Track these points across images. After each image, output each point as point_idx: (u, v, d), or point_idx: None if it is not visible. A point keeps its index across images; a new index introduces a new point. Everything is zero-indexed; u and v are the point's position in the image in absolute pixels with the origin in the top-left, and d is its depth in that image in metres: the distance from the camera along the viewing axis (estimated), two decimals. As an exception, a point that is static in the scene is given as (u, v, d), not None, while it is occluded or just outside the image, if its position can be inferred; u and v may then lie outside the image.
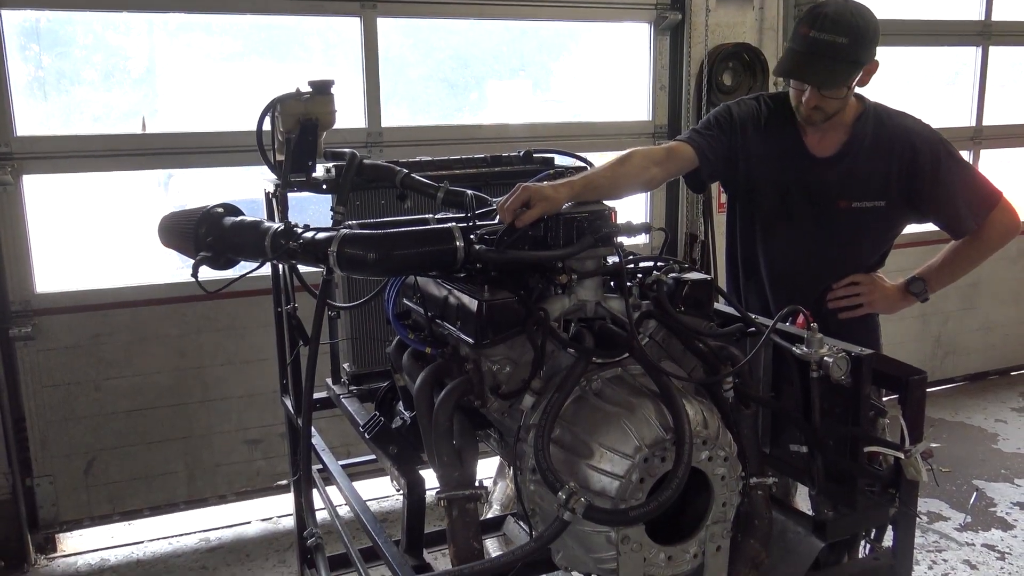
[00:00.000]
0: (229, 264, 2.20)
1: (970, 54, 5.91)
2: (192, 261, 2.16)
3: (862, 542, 2.01)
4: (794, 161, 2.59)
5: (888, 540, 1.93)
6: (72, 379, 4.04)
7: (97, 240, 4.28)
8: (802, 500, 2.73)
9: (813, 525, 1.83)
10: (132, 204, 4.20)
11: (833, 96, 2.42)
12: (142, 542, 4.23)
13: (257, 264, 2.17)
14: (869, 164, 2.54)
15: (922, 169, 2.51)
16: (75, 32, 4.04)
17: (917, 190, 2.54)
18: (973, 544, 4.08)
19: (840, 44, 2.34)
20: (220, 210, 2.18)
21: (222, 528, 4.34)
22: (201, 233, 2.14)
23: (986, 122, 5.99)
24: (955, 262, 2.66)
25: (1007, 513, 4.37)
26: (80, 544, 4.22)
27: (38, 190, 3.98)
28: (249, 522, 4.40)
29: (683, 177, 2.66)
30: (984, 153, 6.04)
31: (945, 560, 3.94)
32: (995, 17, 5.84)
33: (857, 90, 2.57)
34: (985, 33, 5.84)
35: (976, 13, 5.83)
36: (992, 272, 5.97)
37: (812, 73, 2.40)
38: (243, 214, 2.21)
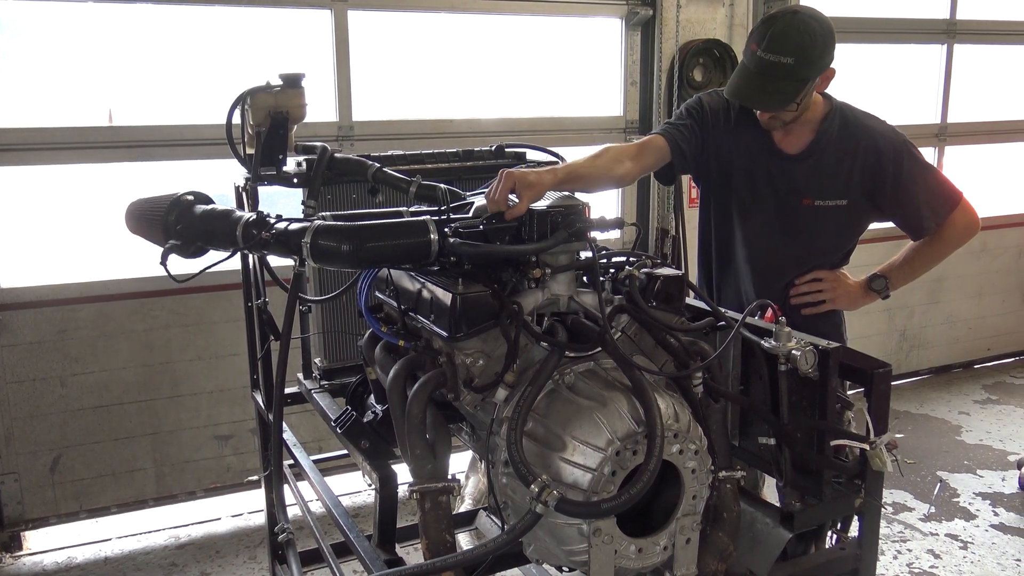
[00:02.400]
0: (199, 253, 2.17)
1: (935, 52, 6.01)
2: (161, 249, 2.14)
3: (829, 532, 2.04)
4: (761, 156, 2.62)
5: (854, 530, 1.96)
6: (37, 375, 3.99)
7: (62, 234, 4.21)
8: (770, 492, 2.77)
9: (781, 516, 1.86)
10: (98, 197, 4.14)
11: (783, 111, 2.46)
12: (110, 539, 4.18)
13: (228, 254, 2.14)
14: (833, 163, 2.58)
15: (884, 170, 2.55)
16: (40, 22, 3.97)
17: (879, 190, 2.58)
18: (937, 534, 4.16)
19: (785, 64, 2.34)
20: (190, 198, 2.16)
21: (192, 525, 4.31)
22: (171, 220, 2.11)
23: (951, 119, 6.09)
24: (916, 260, 2.71)
25: (970, 503, 4.45)
26: (46, 542, 4.16)
27: (1, 183, 3.91)
28: (219, 518, 4.37)
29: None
30: (948, 150, 6.15)
31: (910, 550, 4.02)
32: (960, 15, 5.94)
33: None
34: (950, 31, 5.93)
35: (941, 11, 5.92)
36: (956, 267, 6.08)
37: (758, 95, 2.43)
38: (213, 203, 2.19)
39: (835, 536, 2.05)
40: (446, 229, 1.79)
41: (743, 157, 2.63)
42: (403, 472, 1.83)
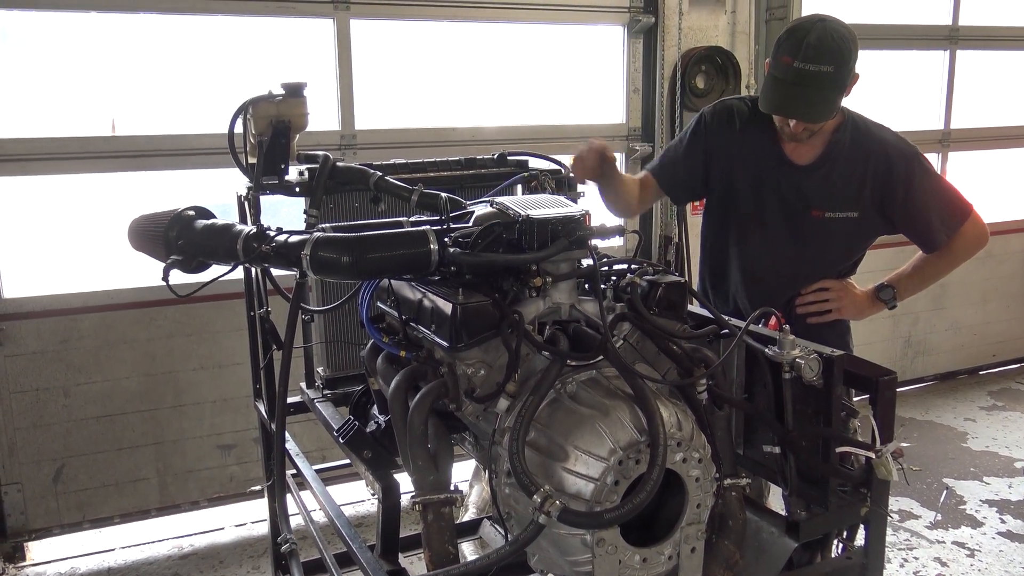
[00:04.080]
0: (200, 268, 2.17)
1: (938, 58, 6.00)
2: (163, 265, 2.14)
3: (835, 541, 2.03)
4: (771, 167, 2.60)
5: (860, 539, 1.95)
6: (40, 385, 3.99)
7: (65, 244, 4.22)
8: (775, 502, 2.76)
9: (786, 525, 1.85)
10: (101, 207, 4.15)
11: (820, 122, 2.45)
12: (113, 550, 4.17)
13: (229, 268, 2.14)
14: (844, 174, 2.56)
15: (896, 182, 2.54)
16: (42, 32, 3.98)
17: (890, 203, 2.56)
18: (944, 542, 4.13)
19: (826, 73, 2.32)
20: (191, 213, 2.16)
21: (195, 535, 4.30)
22: (172, 236, 2.11)
23: (954, 125, 6.09)
24: (924, 271, 2.70)
25: (976, 511, 4.43)
26: (49, 552, 4.16)
27: (4, 193, 3.92)
28: (222, 528, 4.36)
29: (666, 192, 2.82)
30: (952, 156, 6.14)
31: (916, 558, 3.99)
32: (962, 22, 5.94)
33: None
34: (953, 37, 5.93)
35: (944, 17, 5.92)
36: (960, 273, 5.96)
37: (802, 107, 2.38)
38: (215, 217, 2.19)
39: (841, 545, 2.03)
40: (446, 239, 1.78)
41: (750, 169, 2.62)
42: (406, 482, 1.82)
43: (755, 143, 2.61)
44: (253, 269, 2.82)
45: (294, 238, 1.83)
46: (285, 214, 3.30)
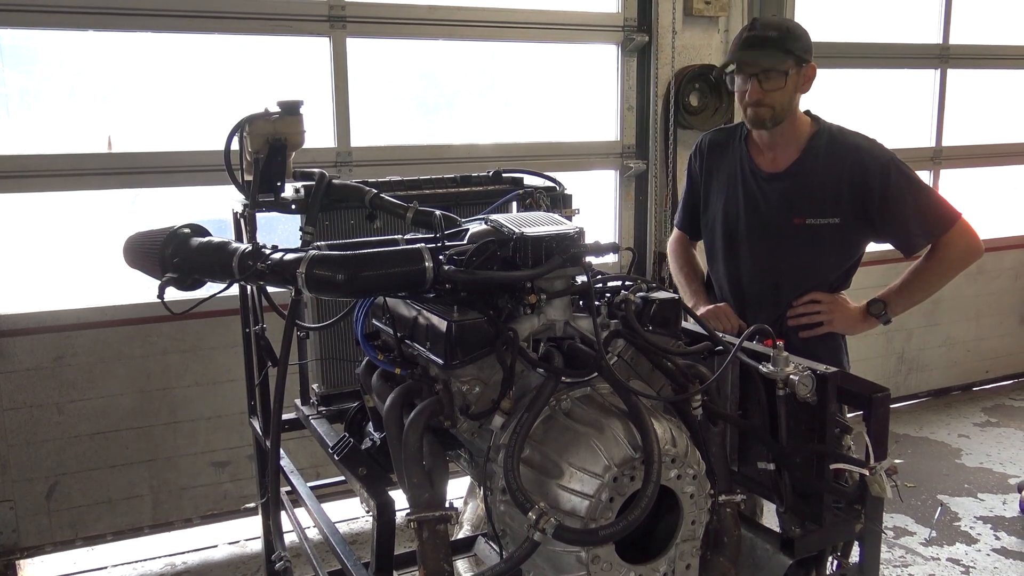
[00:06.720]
0: (196, 285, 2.18)
1: (929, 76, 6.05)
2: (158, 282, 2.14)
3: (829, 558, 2.03)
4: (744, 179, 2.70)
5: (855, 556, 1.95)
6: (34, 401, 3.97)
7: (60, 261, 4.22)
8: (769, 519, 2.75)
9: (781, 542, 1.85)
10: (96, 224, 4.15)
11: (773, 88, 2.54)
12: (106, 568, 4.15)
13: (225, 285, 2.15)
14: (820, 180, 2.62)
15: (871, 186, 2.59)
16: (39, 49, 4.00)
17: (867, 207, 2.61)
18: (938, 558, 4.13)
19: (772, 36, 2.55)
20: (187, 230, 2.16)
21: (188, 552, 4.28)
22: (167, 254, 2.11)
23: (946, 143, 6.13)
24: (914, 284, 2.71)
25: (971, 527, 4.43)
26: (41, 571, 4.13)
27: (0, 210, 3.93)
28: (216, 546, 4.33)
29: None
30: (944, 173, 6.18)
31: (912, 575, 3.99)
32: (953, 41, 6.00)
33: (813, 112, 2.68)
34: (943, 56, 5.98)
35: (934, 37, 5.98)
36: (953, 289, 6.06)
37: (750, 60, 2.58)
38: (210, 234, 2.19)
39: (836, 562, 2.04)
40: (441, 256, 1.79)
41: (723, 186, 2.75)
42: (401, 499, 1.82)
43: (729, 162, 2.77)
44: (249, 286, 2.82)
45: (289, 256, 1.84)
46: (281, 231, 3.30)
